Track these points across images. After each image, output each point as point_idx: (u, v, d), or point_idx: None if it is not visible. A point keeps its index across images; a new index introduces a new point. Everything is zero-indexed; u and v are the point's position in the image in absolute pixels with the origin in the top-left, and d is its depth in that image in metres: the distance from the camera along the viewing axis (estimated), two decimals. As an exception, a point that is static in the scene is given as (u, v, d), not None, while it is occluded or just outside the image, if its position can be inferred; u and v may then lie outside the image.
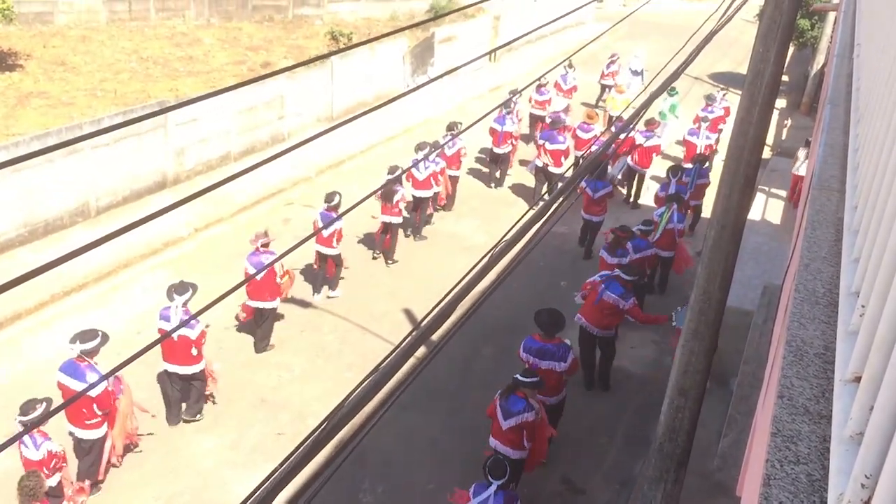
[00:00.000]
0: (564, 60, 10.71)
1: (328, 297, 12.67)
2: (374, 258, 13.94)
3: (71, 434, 8.36)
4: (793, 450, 2.12)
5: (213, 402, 10.03)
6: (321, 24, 28.80)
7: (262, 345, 11.15)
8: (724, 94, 20.35)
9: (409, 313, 12.44)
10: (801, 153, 15.82)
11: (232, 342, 11.34)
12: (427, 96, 21.59)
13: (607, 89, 22.76)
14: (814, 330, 2.72)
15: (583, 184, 13.31)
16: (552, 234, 12.24)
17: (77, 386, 7.98)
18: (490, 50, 9.43)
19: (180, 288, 9.30)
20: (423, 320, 3.04)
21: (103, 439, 8.42)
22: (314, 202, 16.14)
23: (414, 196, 14.59)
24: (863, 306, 2.31)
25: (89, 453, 8.42)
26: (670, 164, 15.89)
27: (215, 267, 13.13)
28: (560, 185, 16.95)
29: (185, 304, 9.24)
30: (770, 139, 21.18)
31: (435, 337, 3.20)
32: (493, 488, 7.14)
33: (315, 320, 12.13)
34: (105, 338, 8.40)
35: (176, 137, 15.84)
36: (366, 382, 2.65)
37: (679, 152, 19.28)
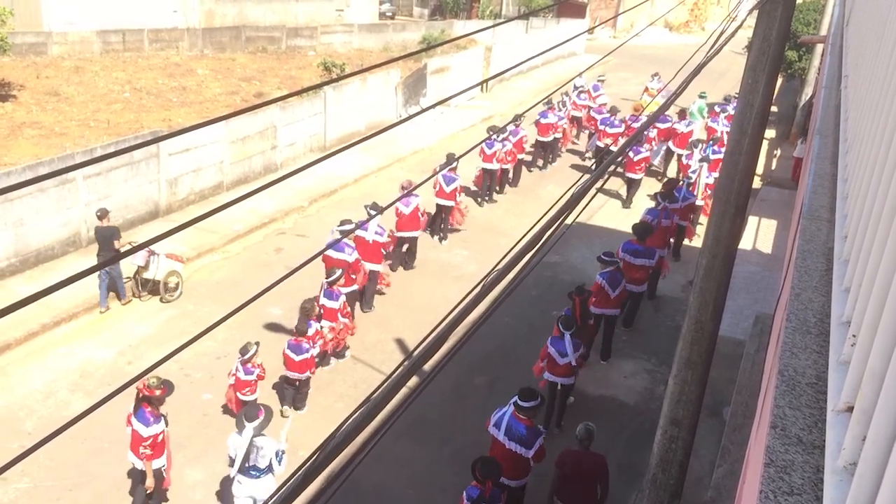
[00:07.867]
0: (557, 90, 10.90)
1: (441, 243, 16.12)
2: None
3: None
4: (786, 480, 2.11)
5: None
6: (314, 55, 29.02)
7: None
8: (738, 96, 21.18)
9: (400, 343, 12.39)
10: (800, 140, 20.76)
11: (223, 373, 11.24)
12: (419, 127, 21.72)
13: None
14: (806, 359, 2.71)
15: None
16: (544, 264, 12.24)
17: (338, 256, 11.61)
18: (482, 80, 9.54)
19: (375, 206, 12.58)
20: (414, 350, 3.03)
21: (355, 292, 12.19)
22: (307, 231, 16.15)
23: (483, 169, 17.96)
24: (854, 336, 2.32)
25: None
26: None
27: (207, 296, 13.08)
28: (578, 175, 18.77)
29: (379, 225, 12.46)
30: (760, 169, 21.35)
31: (427, 366, 3.18)
32: (567, 336, 10.03)
33: (307, 350, 12.05)
34: (356, 226, 12.09)
35: (169, 167, 15.85)
36: (357, 413, 2.63)
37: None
